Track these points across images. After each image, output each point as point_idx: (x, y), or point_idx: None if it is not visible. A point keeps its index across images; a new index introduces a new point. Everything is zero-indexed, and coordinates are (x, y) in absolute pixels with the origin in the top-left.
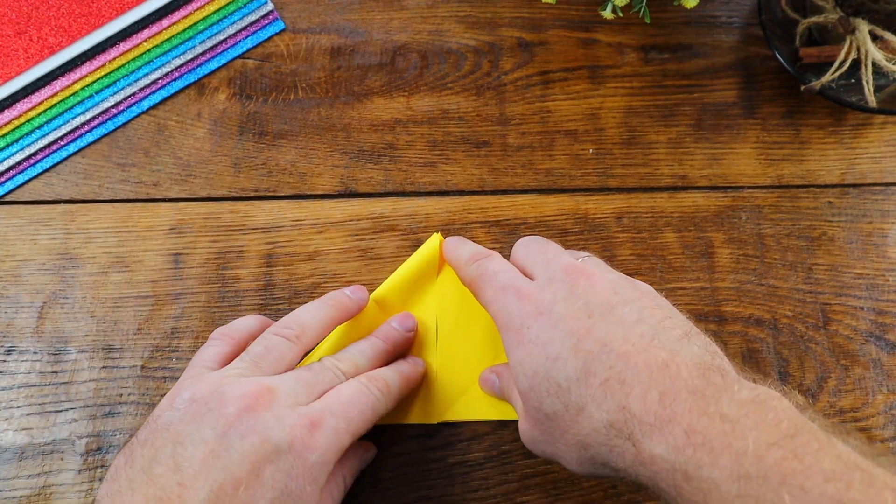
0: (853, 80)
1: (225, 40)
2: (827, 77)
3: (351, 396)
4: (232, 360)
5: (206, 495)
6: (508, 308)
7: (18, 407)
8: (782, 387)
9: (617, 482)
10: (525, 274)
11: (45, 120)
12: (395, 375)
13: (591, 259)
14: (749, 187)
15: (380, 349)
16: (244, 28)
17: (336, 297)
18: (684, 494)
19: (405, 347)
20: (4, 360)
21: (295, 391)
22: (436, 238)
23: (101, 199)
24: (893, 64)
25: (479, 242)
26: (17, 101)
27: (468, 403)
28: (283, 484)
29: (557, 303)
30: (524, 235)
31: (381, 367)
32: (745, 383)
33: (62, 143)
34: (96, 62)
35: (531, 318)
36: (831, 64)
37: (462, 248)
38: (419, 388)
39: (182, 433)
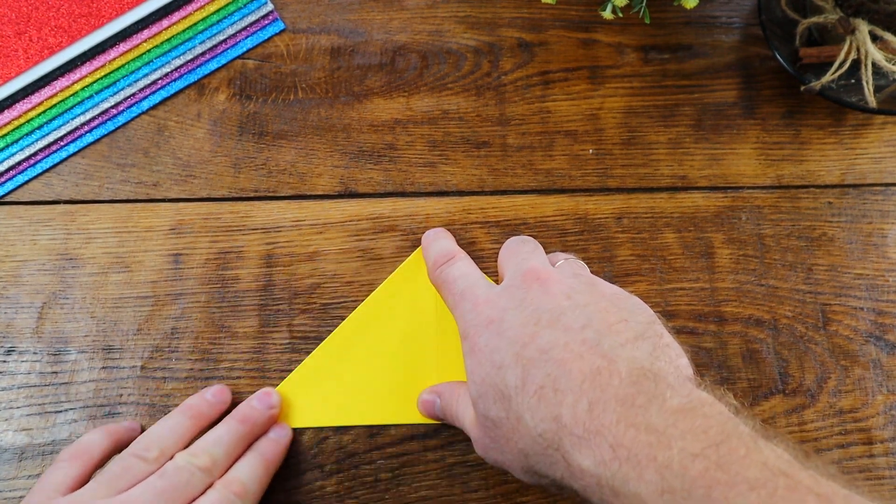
0: (853, 80)
1: (225, 40)
2: (827, 77)
3: None
4: (83, 483)
5: None
6: (465, 316)
7: (18, 407)
8: (721, 389)
9: (561, 493)
10: (503, 276)
11: (45, 120)
12: (252, 470)
13: (568, 263)
14: (749, 187)
15: (238, 434)
16: (244, 28)
17: (194, 405)
18: (603, 490)
19: (267, 426)
20: (4, 361)
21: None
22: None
23: (101, 199)
24: (893, 64)
25: (478, 243)
26: (17, 101)
27: None
28: None
29: (508, 310)
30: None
31: (240, 452)
32: (679, 389)
33: (62, 143)
34: (96, 62)
35: (483, 326)
36: (831, 64)
37: (431, 247)
38: (413, 389)
39: None
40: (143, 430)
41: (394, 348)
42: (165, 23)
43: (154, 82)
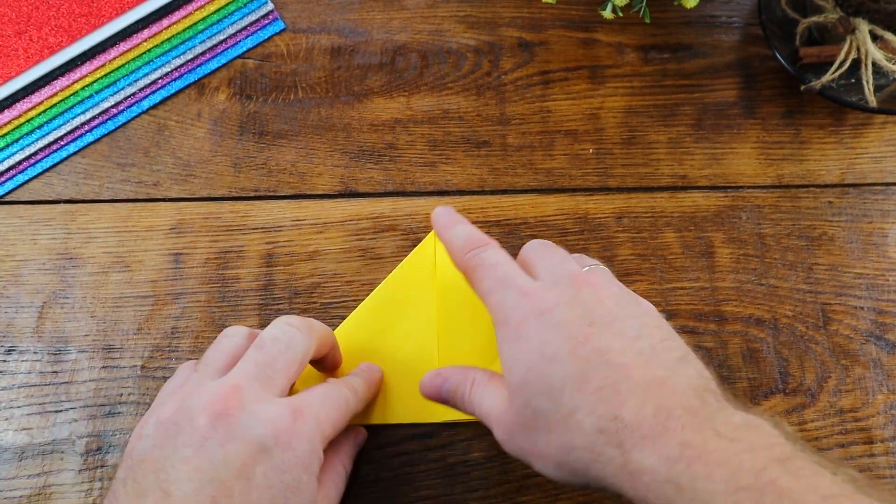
0: (853, 80)
1: (225, 40)
2: (827, 77)
3: (324, 391)
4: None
5: None
6: (507, 302)
7: (18, 407)
8: (773, 416)
9: (590, 489)
10: (528, 273)
11: (45, 120)
12: (357, 379)
13: (598, 269)
14: (749, 187)
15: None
16: (244, 28)
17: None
18: (674, 497)
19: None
20: (4, 360)
21: (258, 376)
22: (432, 236)
23: (102, 199)
24: (893, 64)
25: None
26: (17, 101)
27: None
28: (277, 480)
29: (559, 306)
30: (524, 235)
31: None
32: (739, 407)
33: (62, 143)
34: (96, 62)
35: (531, 316)
36: (831, 64)
37: (456, 229)
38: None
39: (160, 459)
40: None
41: (394, 348)
42: (165, 22)
43: (154, 82)
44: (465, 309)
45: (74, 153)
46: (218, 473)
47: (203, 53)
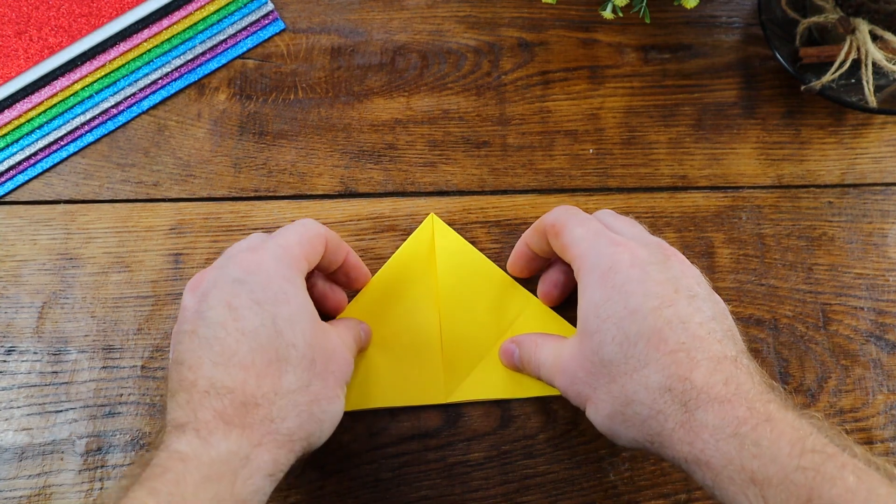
0: (853, 80)
1: (225, 40)
2: (827, 77)
3: (291, 226)
4: None
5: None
6: (600, 250)
7: (18, 407)
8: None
9: (628, 449)
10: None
11: (45, 120)
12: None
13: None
14: (749, 187)
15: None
16: (244, 28)
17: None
18: (735, 462)
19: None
20: (4, 360)
21: (265, 240)
22: (430, 219)
23: (101, 199)
24: (893, 64)
25: (479, 242)
26: (17, 101)
27: (475, 383)
28: (260, 296)
29: (652, 264)
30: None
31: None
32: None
33: (62, 143)
34: (96, 62)
35: (623, 265)
36: (831, 64)
37: (526, 232)
38: (425, 370)
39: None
40: None
41: (395, 333)
42: (165, 22)
43: (154, 82)
44: (465, 293)
45: (74, 153)
46: (215, 314)
47: (203, 53)
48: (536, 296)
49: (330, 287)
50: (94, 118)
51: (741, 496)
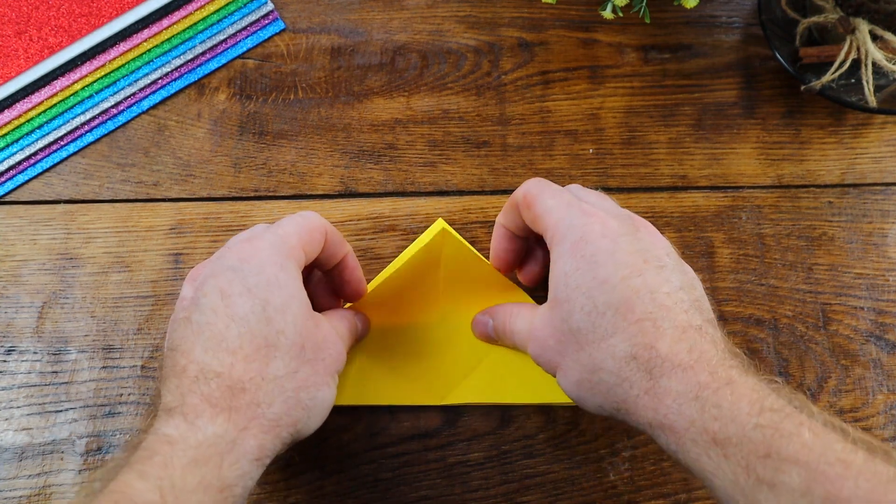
0: (853, 80)
1: (225, 40)
2: (827, 77)
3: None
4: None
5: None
6: (572, 220)
7: (18, 407)
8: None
9: (597, 415)
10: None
11: (45, 120)
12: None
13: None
14: (749, 187)
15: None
16: (244, 28)
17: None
18: (697, 424)
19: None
20: (4, 360)
21: (265, 229)
22: (439, 223)
23: (101, 199)
24: (893, 64)
25: (478, 242)
26: (17, 101)
27: (471, 387)
28: (253, 283)
29: (621, 235)
30: None
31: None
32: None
33: (62, 143)
34: (96, 62)
35: (594, 236)
36: (831, 64)
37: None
38: (423, 370)
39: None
40: None
41: (398, 331)
42: (165, 22)
43: (154, 82)
44: (468, 298)
45: (74, 153)
46: (209, 301)
47: (203, 53)
48: (519, 281)
49: (326, 292)
50: (94, 118)
51: (704, 457)
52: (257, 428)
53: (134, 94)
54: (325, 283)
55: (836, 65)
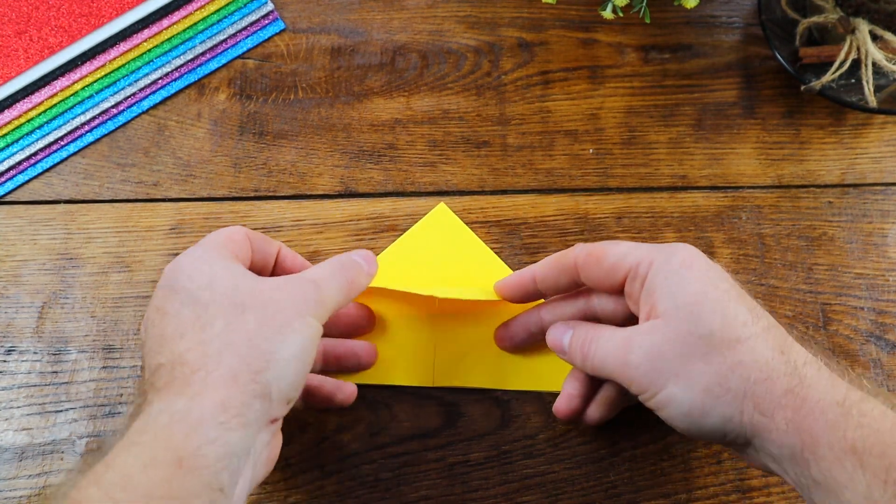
0: (853, 80)
1: (225, 40)
2: (827, 77)
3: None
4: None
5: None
6: (664, 250)
7: (18, 407)
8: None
9: (702, 438)
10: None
11: (45, 120)
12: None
13: None
14: (749, 187)
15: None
16: (244, 28)
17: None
18: (838, 429)
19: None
20: (4, 360)
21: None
22: (440, 208)
23: (102, 199)
24: (893, 64)
25: None
26: (17, 101)
27: (464, 370)
28: (173, 287)
29: (703, 257)
30: (524, 235)
31: None
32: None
33: (62, 143)
34: (96, 62)
35: (691, 257)
36: (831, 64)
37: (540, 262)
38: (416, 352)
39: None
40: None
41: (392, 312)
42: (165, 22)
43: (154, 82)
44: (465, 281)
45: (74, 153)
46: (150, 321)
47: (203, 53)
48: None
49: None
50: (94, 118)
51: (837, 466)
52: (211, 389)
53: (134, 94)
54: None
55: (836, 65)
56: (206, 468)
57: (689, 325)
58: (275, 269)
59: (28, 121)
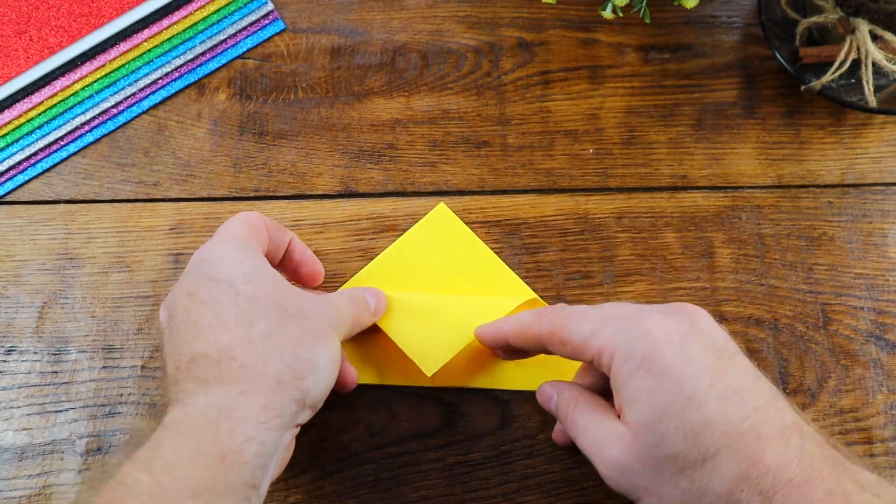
0: (853, 80)
1: (225, 40)
2: (827, 77)
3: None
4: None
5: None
6: (628, 334)
7: (18, 407)
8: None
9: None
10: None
11: (45, 120)
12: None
13: None
14: (749, 187)
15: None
16: (244, 28)
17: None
18: None
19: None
20: (4, 360)
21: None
22: (440, 208)
23: (102, 199)
24: (893, 64)
25: None
26: (17, 101)
27: (461, 371)
28: (209, 276)
29: (686, 335)
30: (524, 235)
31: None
32: (856, 462)
33: (62, 143)
34: (96, 62)
35: (660, 343)
36: (831, 64)
37: (511, 318)
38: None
39: None
40: None
41: (395, 308)
42: (166, 22)
43: (154, 82)
44: (463, 282)
45: (74, 153)
46: (180, 306)
47: (203, 53)
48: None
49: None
50: (94, 118)
51: None
52: (257, 391)
53: (134, 94)
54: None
55: (836, 65)
56: (244, 464)
57: (653, 447)
58: (283, 259)
59: (28, 121)
